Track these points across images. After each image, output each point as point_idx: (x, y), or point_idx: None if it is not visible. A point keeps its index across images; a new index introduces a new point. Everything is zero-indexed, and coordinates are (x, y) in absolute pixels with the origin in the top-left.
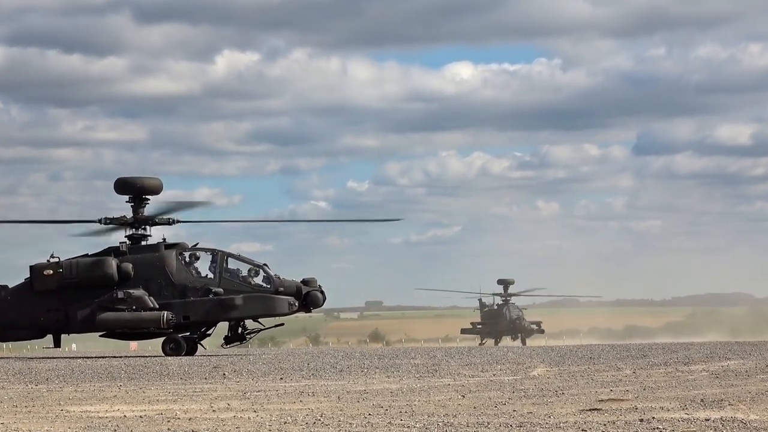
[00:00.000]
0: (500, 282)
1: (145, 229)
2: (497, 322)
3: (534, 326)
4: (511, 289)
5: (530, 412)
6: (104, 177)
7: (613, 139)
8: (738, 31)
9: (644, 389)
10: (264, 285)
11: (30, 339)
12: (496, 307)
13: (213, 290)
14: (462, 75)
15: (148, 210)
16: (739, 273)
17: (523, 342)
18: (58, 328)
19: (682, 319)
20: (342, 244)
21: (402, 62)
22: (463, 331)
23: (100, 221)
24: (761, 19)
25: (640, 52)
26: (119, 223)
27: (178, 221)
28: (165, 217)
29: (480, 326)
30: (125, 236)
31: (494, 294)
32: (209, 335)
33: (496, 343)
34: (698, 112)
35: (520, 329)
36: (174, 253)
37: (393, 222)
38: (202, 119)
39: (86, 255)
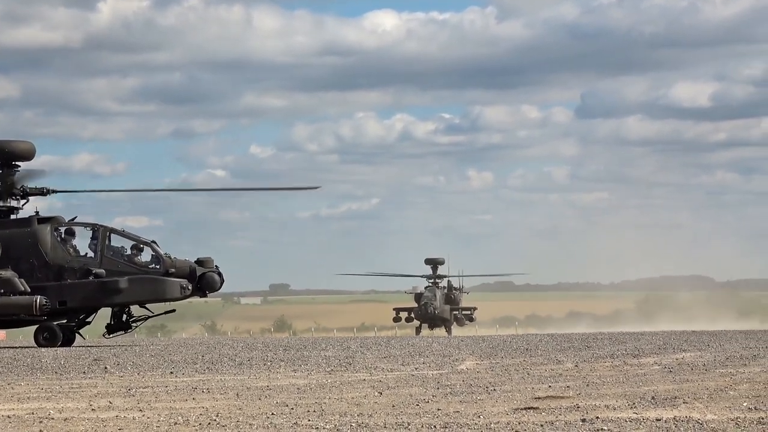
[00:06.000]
0: (428, 261)
1: (14, 200)
2: (420, 307)
3: (465, 313)
4: (441, 270)
5: (457, 411)
6: None
7: (555, 100)
8: None
9: (587, 385)
10: (152, 265)
11: None
12: (422, 291)
13: (93, 271)
14: (383, 25)
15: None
16: (697, 253)
17: (448, 331)
18: None
19: (632, 306)
20: (243, 219)
21: (314, 11)
22: (395, 319)
23: None
24: None
25: (586, 1)
26: None
27: (54, 191)
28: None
29: (409, 313)
30: None
31: (423, 276)
32: (89, 323)
33: (418, 332)
34: (651, 69)
35: (444, 317)
36: (48, 228)
37: (302, 194)
38: (81, 74)
39: None
